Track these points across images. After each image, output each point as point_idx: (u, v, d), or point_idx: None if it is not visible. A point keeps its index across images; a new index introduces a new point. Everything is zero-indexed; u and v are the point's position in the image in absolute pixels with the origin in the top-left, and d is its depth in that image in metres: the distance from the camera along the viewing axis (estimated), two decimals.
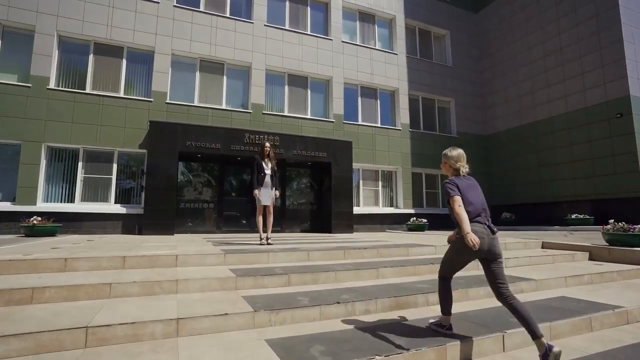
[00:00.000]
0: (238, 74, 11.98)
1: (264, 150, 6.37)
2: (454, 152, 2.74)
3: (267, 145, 6.42)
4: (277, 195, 6.45)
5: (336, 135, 12.64)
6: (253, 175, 6.31)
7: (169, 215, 9.54)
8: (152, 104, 10.43)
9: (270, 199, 6.32)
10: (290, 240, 7.77)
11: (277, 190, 6.47)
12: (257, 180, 6.25)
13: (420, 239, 8.33)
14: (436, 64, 15.46)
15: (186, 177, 10.90)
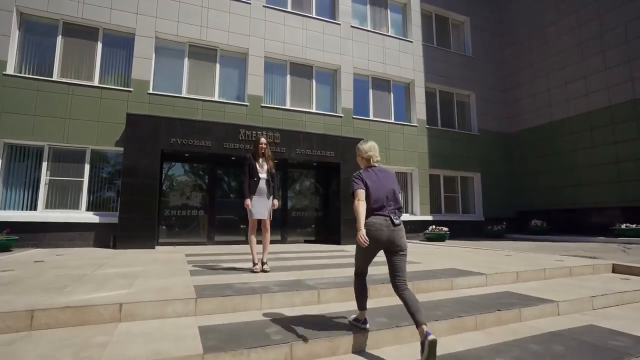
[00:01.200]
0: (233, 61, 10.48)
1: (259, 147, 4.87)
2: (365, 144, 2.90)
3: (263, 141, 4.91)
4: (275, 206, 4.94)
5: (345, 132, 11.11)
6: (245, 179, 4.81)
7: (149, 225, 8.04)
8: (131, 94, 8.94)
9: (267, 210, 4.81)
10: (292, 258, 6.24)
11: (275, 199, 4.96)
12: (249, 187, 4.76)
13: (450, 255, 6.77)
14: (455, 54, 13.91)
15: (171, 180, 9.40)
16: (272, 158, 5.05)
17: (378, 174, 2.78)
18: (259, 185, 4.77)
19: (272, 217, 4.95)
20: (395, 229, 2.62)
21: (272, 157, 5.05)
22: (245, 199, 4.70)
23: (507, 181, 14.15)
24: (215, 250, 7.97)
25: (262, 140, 4.91)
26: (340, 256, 6.92)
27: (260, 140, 4.89)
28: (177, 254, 7.03)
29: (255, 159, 4.85)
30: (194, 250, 7.72)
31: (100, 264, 5.35)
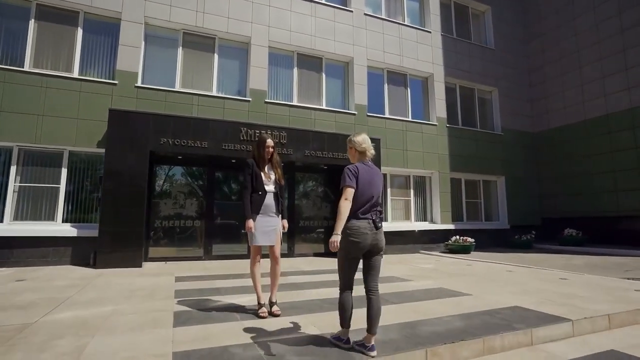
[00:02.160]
0: (233, 51, 9.31)
1: (264, 150, 3.71)
2: (359, 136, 2.76)
3: (270, 143, 3.74)
4: (285, 228, 3.77)
5: (359, 131, 9.91)
6: (245, 193, 3.63)
7: (135, 238, 6.87)
8: (116, 88, 7.78)
9: (275, 234, 3.64)
10: (306, 285, 5.02)
11: (285, 219, 3.79)
12: (251, 203, 3.59)
13: (492, 276, 5.51)
14: (476, 46, 12.71)
15: (162, 186, 8.23)
16: (281, 165, 3.87)
17: (371, 171, 2.70)
18: (265, 201, 3.60)
19: (282, 241, 3.77)
20: (377, 232, 2.61)
21: (280, 163, 3.87)
22: (246, 219, 3.52)
23: (532, 185, 12.94)
24: (212, 267, 6.79)
25: (269, 141, 3.72)
26: None
27: (267, 141, 3.70)
28: (166, 276, 5.84)
29: (260, 166, 3.68)
30: (188, 269, 6.54)
31: (63, 297, 4.17)
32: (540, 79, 13.27)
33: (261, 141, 3.71)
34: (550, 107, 12.86)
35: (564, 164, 12.26)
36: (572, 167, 12.02)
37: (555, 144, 12.59)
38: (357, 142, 2.73)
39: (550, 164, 12.73)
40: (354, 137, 2.79)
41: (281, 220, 3.73)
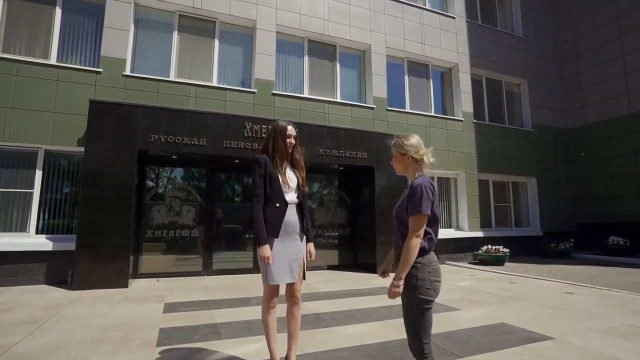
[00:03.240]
0: (236, 37, 8.23)
1: (285, 142, 2.60)
2: (412, 138, 2.07)
3: (292, 131, 2.64)
4: (313, 256, 2.65)
5: (378, 127, 8.80)
6: (257, 204, 2.48)
7: (120, 252, 5.77)
8: (101, 77, 6.71)
9: (299, 265, 2.53)
10: (325, 316, 3.86)
11: (312, 241, 2.68)
12: (268, 220, 2.48)
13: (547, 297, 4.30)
14: (503, 34, 11.54)
15: (154, 190, 7.14)
16: (304, 164, 2.75)
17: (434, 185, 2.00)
18: (286, 218, 2.50)
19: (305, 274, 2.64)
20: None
21: (303, 161, 2.75)
22: (260, 245, 2.39)
23: (566, 187, 11.72)
24: (213, 287, 5.68)
25: (290, 129, 2.62)
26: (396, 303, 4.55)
27: (287, 129, 2.60)
28: (153, 302, 4.73)
29: (277, 163, 2.56)
30: (183, 289, 5.44)
31: (5, 344, 3.07)
32: (573, 70, 12.05)
33: (280, 129, 2.60)
34: (586, 101, 11.64)
35: (603, 163, 11.03)
36: (613, 166, 10.79)
37: (593, 141, 11.37)
38: (413, 146, 2.02)
39: (586, 163, 11.50)
40: (406, 140, 2.05)
41: (306, 243, 2.62)
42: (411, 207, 1.86)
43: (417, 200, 1.84)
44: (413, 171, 2.03)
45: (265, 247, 2.37)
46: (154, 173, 7.19)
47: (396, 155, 2.07)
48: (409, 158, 2.02)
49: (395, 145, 2.07)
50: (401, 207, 1.97)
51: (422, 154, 2.02)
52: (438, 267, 1.92)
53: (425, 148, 2.06)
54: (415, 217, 1.84)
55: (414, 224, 1.84)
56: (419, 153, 2.01)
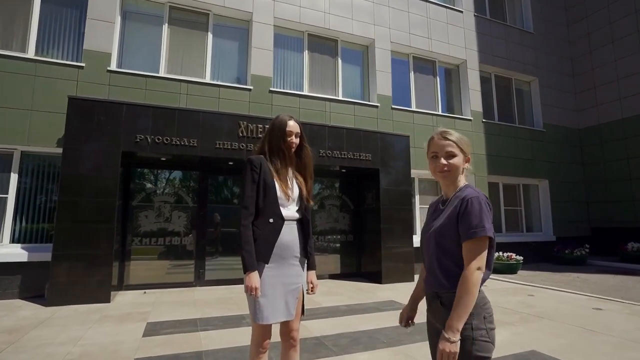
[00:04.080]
0: (231, 31, 7.71)
1: (286, 140, 2.06)
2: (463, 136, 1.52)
3: (294, 128, 2.08)
4: (314, 289, 2.11)
5: (382, 126, 8.27)
6: (245, 217, 1.93)
7: (101, 264, 5.24)
8: (83, 72, 6.20)
9: (296, 299, 1.98)
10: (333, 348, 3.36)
11: (314, 269, 2.14)
12: (258, 239, 1.93)
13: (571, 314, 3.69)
14: (513, 29, 11.01)
15: (140, 195, 6.60)
16: (312, 171, 2.20)
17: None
18: (282, 237, 1.97)
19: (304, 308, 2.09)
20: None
21: (312, 168, 2.20)
22: (247, 271, 1.85)
23: (579, 190, 11.16)
24: (204, 301, 5.13)
25: (292, 124, 2.07)
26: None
27: (288, 124, 2.06)
28: (135, 322, 4.19)
29: (277, 166, 2.05)
30: (171, 304, 4.90)
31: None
32: (586, 67, 11.51)
33: (279, 125, 2.07)
34: (600, 99, 11.10)
35: (619, 165, 10.48)
36: (629, 167, 10.23)
37: (607, 142, 10.82)
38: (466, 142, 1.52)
39: (600, 164, 10.95)
40: (458, 135, 1.51)
41: (306, 270, 2.09)
42: (467, 228, 1.33)
43: (477, 218, 1.32)
44: (459, 180, 1.50)
45: (252, 275, 1.83)
46: (141, 176, 6.66)
47: (458, 153, 1.47)
48: (468, 161, 1.50)
49: (459, 142, 1.48)
50: (445, 228, 1.42)
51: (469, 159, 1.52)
52: (491, 310, 1.41)
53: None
54: (475, 241, 1.32)
55: (474, 251, 1.32)
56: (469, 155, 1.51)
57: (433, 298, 1.47)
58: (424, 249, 1.55)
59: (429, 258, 1.49)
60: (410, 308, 1.68)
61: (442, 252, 1.42)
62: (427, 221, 1.62)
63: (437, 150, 1.49)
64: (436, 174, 1.51)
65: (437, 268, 1.44)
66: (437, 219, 1.49)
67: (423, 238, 1.57)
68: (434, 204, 1.63)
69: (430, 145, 1.54)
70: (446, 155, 1.47)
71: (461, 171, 1.49)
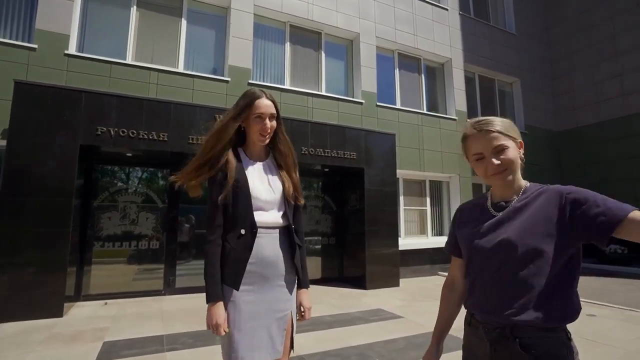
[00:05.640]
0: (207, 18, 7.15)
1: (256, 120, 1.56)
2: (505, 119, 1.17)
3: (267, 106, 1.58)
4: (307, 313, 1.66)
5: (367, 123, 7.93)
6: (212, 232, 1.49)
7: (53, 273, 4.60)
8: (35, 54, 5.49)
9: (285, 332, 1.53)
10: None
11: (306, 287, 1.68)
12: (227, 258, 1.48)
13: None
14: (496, 29, 10.96)
15: (105, 194, 5.95)
16: (295, 159, 1.74)
17: None
18: (263, 251, 1.51)
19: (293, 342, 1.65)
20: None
21: (294, 155, 1.74)
22: (210, 302, 1.42)
23: None
24: (172, 314, 4.58)
25: (264, 102, 1.58)
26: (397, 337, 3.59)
27: (260, 101, 1.57)
28: (88, 342, 3.60)
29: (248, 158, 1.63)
30: (134, 318, 4.32)
31: None
32: (565, 70, 11.63)
33: (248, 99, 1.60)
34: (577, 102, 11.22)
35: (596, 168, 10.61)
36: (606, 170, 10.37)
37: (585, 145, 10.94)
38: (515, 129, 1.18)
39: (578, 167, 11.07)
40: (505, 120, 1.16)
41: (300, 290, 1.66)
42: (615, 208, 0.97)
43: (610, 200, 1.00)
44: (519, 175, 1.18)
45: (214, 307, 1.41)
46: (103, 173, 6.01)
47: (510, 145, 1.12)
48: (522, 146, 1.17)
49: (506, 129, 1.13)
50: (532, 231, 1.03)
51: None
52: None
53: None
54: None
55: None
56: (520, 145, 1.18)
57: (501, 337, 1.04)
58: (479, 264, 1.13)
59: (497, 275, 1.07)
60: (436, 350, 1.28)
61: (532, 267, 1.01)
62: (466, 229, 1.21)
63: (482, 150, 1.13)
64: (489, 178, 1.13)
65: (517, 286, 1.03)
66: (505, 225, 1.09)
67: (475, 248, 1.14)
68: (475, 208, 1.24)
69: (469, 145, 1.17)
70: (495, 151, 1.11)
71: (520, 164, 1.14)
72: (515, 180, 1.14)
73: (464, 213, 1.28)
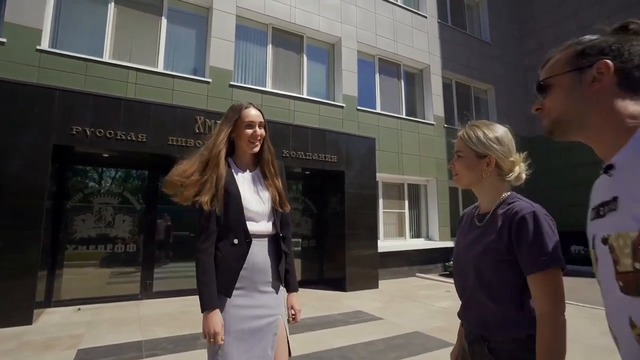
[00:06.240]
0: (188, 17, 7.05)
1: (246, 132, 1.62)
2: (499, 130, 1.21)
3: (255, 116, 1.64)
4: (297, 316, 1.71)
5: (348, 127, 8.02)
6: (204, 241, 1.51)
7: (23, 280, 4.41)
8: (4, 48, 5.25)
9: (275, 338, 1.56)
10: None
11: (296, 291, 1.76)
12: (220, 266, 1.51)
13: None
14: (473, 38, 11.33)
15: (78, 196, 5.76)
16: (280, 169, 1.80)
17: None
18: (254, 257, 1.56)
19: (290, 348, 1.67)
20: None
21: (279, 166, 1.79)
22: (206, 311, 1.43)
23: (532, 197, 11.70)
24: (151, 319, 4.47)
25: (253, 113, 1.66)
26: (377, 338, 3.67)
27: (249, 113, 1.65)
28: (59, 353, 3.49)
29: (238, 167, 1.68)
30: (110, 324, 4.20)
31: None
32: (534, 79, 12.14)
33: (237, 112, 1.65)
34: None
35: (563, 173, 11.16)
36: (573, 175, 10.92)
37: (554, 151, 11.48)
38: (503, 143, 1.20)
39: (548, 172, 11.58)
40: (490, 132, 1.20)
41: (286, 296, 1.72)
42: (534, 257, 1.01)
43: (542, 243, 1.01)
44: (491, 188, 1.20)
45: (211, 315, 1.43)
46: (78, 174, 5.81)
47: (467, 155, 1.20)
48: (491, 163, 1.18)
49: (467, 140, 1.20)
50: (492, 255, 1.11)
51: (515, 163, 1.20)
52: None
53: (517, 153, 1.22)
54: (547, 274, 1.00)
55: (549, 286, 1.00)
56: (508, 159, 1.19)
57: (476, 340, 1.16)
58: (458, 274, 1.24)
59: (468, 289, 1.18)
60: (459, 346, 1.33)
61: (489, 284, 1.11)
62: (459, 238, 1.31)
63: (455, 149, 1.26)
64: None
65: (481, 305, 1.14)
66: (476, 242, 1.17)
67: (457, 260, 1.26)
68: (468, 216, 1.33)
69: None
70: (455, 156, 1.23)
71: (481, 176, 1.19)
72: (484, 192, 1.22)
73: (463, 219, 1.37)
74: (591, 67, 0.75)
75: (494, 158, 1.18)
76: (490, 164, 1.18)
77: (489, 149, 1.17)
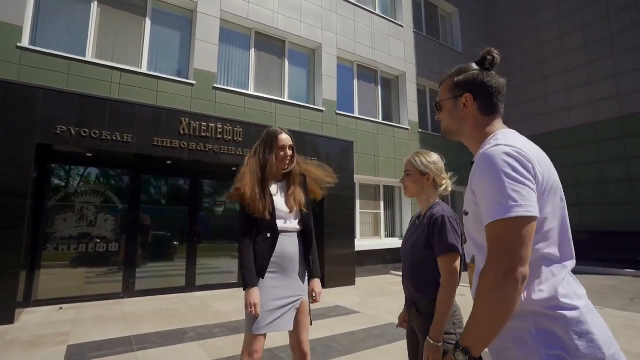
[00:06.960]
0: (173, 19, 7.13)
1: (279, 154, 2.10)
2: (434, 156, 1.76)
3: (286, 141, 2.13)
4: (318, 298, 2.15)
5: (327, 130, 8.33)
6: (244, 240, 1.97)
7: (5, 279, 4.42)
8: None
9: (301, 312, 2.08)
10: None
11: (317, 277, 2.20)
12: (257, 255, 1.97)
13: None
14: (446, 48, 11.94)
15: (61, 194, 5.75)
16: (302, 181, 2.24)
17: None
18: (283, 249, 2.02)
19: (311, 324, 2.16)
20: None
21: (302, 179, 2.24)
22: (247, 288, 1.88)
23: None
24: (135, 316, 4.59)
25: (283, 137, 2.12)
26: (357, 329, 4.00)
27: (280, 137, 2.11)
28: (49, 350, 3.57)
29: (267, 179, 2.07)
30: (95, 321, 4.28)
31: None
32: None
33: (272, 137, 2.12)
34: (512, 118, 12.55)
35: None
36: None
37: None
38: (438, 167, 1.72)
39: None
40: (429, 158, 1.74)
41: (312, 279, 2.15)
42: (440, 245, 1.53)
43: (446, 236, 1.53)
44: (427, 197, 1.72)
45: (251, 291, 1.88)
46: (61, 174, 5.80)
47: (413, 174, 1.73)
48: (429, 180, 1.70)
49: (413, 163, 1.73)
50: (419, 242, 1.63)
51: (444, 179, 1.72)
52: (461, 317, 1.60)
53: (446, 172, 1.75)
54: (447, 257, 1.51)
55: (449, 265, 1.51)
56: (440, 176, 1.71)
57: (410, 304, 1.70)
58: (403, 259, 1.73)
59: (407, 268, 1.69)
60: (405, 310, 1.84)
61: (417, 264, 1.62)
62: (407, 233, 1.80)
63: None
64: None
65: (412, 278, 1.65)
66: (413, 235, 1.69)
67: (403, 248, 1.76)
68: (414, 218, 1.82)
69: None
70: (405, 174, 1.76)
71: (423, 188, 1.70)
72: (423, 200, 1.73)
73: (411, 221, 1.85)
74: (462, 96, 1.08)
75: (432, 175, 1.69)
76: (429, 179, 1.69)
77: (428, 168, 1.70)
